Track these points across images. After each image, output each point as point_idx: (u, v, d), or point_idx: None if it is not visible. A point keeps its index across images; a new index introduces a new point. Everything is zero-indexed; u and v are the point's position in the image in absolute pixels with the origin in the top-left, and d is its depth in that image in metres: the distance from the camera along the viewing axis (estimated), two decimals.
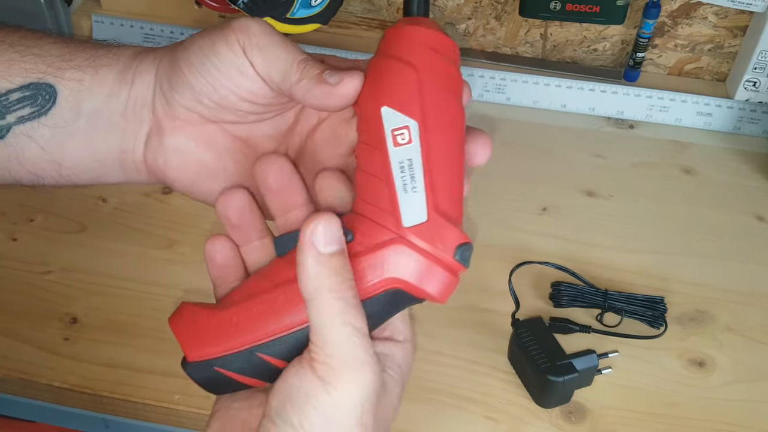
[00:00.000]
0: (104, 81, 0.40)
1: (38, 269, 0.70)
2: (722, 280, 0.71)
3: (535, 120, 0.87)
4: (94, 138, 0.40)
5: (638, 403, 0.62)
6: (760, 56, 0.84)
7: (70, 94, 0.39)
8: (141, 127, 0.40)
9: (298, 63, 0.37)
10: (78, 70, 0.39)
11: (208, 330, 0.37)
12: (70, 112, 0.39)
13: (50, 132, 0.39)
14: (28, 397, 0.64)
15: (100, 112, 0.40)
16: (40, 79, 0.39)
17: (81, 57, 0.40)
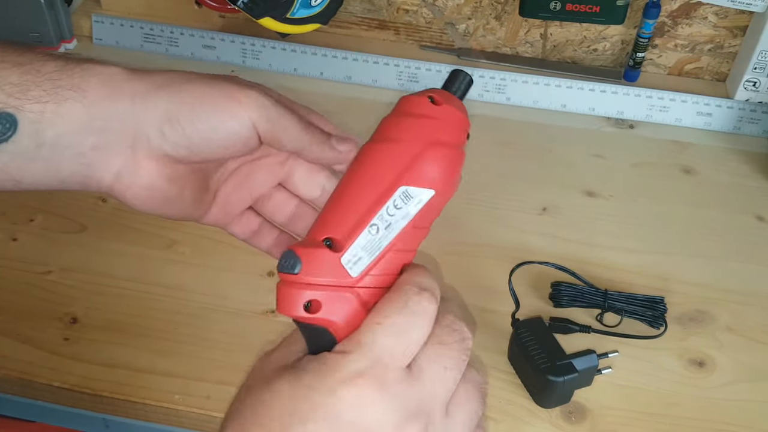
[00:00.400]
0: (68, 114, 0.40)
1: (38, 269, 0.70)
2: (722, 280, 0.71)
3: (535, 120, 0.87)
4: (56, 165, 0.41)
5: (638, 403, 0.62)
6: (760, 56, 0.84)
7: (30, 125, 0.39)
8: (113, 160, 0.42)
9: (306, 131, 0.44)
10: (38, 102, 0.39)
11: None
12: (32, 141, 0.39)
13: (10, 158, 0.39)
14: (28, 397, 0.64)
15: (66, 145, 0.40)
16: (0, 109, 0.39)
17: (41, 87, 0.39)
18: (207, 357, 0.63)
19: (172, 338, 0.65)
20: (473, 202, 0.77)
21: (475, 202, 0.77)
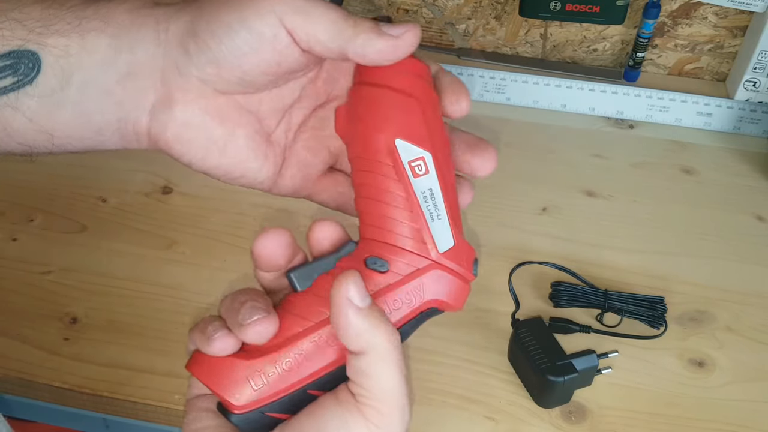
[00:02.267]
0: (94, 48, 0.36)
1: (38, 269, 0.70)
2: (722, 280, 0.71)
3: (535, 120, 0.87)
4: (86, 108, 0.37)
5: (638, 403, 0.62)
6: (760, 56, 0.84)
7: (55, 62, 0.36)
8: (144, 97, 0.38)
9: (347, 19, 0.36)
10: (62, 36, 0.36)
11: (252, 379, 0.36)
12: (58, 81, 0.36)
13: (37, 103, 0.36)
14: (28, 397, 0.64)
15: (93, 81, 0.37)
16: (21, 47, 0.35)
17: (64, 20, 0.36)
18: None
19: (172, 338, 0.65)
20: (473, 202, 0.77)
21: (475, 202, 0.76)
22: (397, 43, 0.36)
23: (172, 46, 0.37)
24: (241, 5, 0.36)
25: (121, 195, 0.77)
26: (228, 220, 0.75)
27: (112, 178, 0.79)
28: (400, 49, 0.36)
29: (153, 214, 0.76)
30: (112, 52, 0.37)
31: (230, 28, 0.36)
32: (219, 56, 0.36)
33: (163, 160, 0.84)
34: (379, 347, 0.34)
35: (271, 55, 0.37)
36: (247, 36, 0.36)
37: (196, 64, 0.37)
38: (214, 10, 0.36)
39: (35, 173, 0.79)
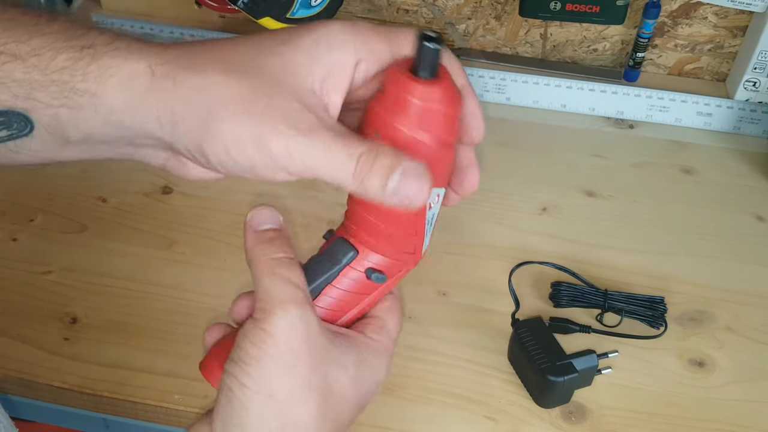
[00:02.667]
0: (88, 120, 0.35)
1: (38, 269, 0.70)
2: (722, 280, 0.71)
3: (535, 120, 0.87)
4: (93, 151, 0.38)
5: (638, 403, 0.62)
6: (760, 56, 0.84)
7: (48, 126, 0.35)
8: (156, 155, 0.39)
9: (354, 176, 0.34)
10: (48, 106, 0.34)
11: None
12: (55, 138, 0.35)
13: (39, 148, 0.36)
14: (28, 397, 0.64)
15: (97, 140, 0.37)
16: (10, 108, 0.34)
17: (48, 91, 0.34)
18: None
19: (172, 338, 0.65)
20: (473, 202, 0.77)
21: (475, 202, 0.77)
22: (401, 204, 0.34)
23: (180, 147, 0.36)
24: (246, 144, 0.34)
25: (121, 195, 0.77)
26: (228, 220, 0.75)
27: (112, 178, 0.79)
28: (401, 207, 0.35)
29: (153, 214, 0.75)
30: (111, 127, 0.35)
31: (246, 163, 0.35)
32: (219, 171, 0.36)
33: None
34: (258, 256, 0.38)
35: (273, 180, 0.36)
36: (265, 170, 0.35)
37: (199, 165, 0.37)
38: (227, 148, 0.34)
39: (35, 173, 0.79)
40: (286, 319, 0.36)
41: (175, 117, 0.34)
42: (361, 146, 0.34)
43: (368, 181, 0.34)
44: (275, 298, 0.36)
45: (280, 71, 0.35)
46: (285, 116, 0.34)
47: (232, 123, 0.34)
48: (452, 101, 0.35)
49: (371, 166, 0.34)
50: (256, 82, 0.34)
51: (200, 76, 0.34)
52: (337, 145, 0.34)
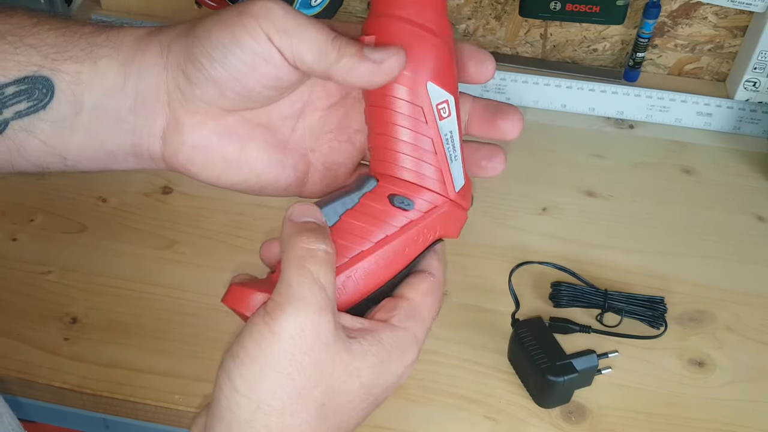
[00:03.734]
0: (105, 74, 0.37)
1: (38, 269, 0.70)
2: (722, 280, 0.71)
3: (535, 120, 0.87)
4: (99, 133, 0.38)
5: (638, 403, 0.62)
6: (760, 56, 0.84)
7: (68, 87, 0.37)
8: (154, 122, 0.38)
9: (332, 42, 0.36)
10: (75, 62, 0.37)
11: None
12: (70, 107, 0.37)
13: (50, 127, 0.37)
14: (28, 397, 0.64)
15: (104, 107, 0.38)
16: (36, 72, 0.37)
17: (78, 47, 0.37)
18: (207, 357, 0.63)
19: (172, 338, 0.65)
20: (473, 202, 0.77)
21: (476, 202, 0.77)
22: (378, 68, 0.36)
23: (174, 69, 0.38)
24: (231, 25, 0.36)
25: (121, 195, 0.77)
26: (228, 220, 0.75)
27: (112, 178, 0.79)
28: (380, 75, 0.36)
29: (153, 214, 0.75)
30: (122, 78, 0.37)
31: (223, 47, 0.36)
32: (217, 76, 0.37)
33: None
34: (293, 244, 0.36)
35: (267, 70, 0.37)
36: (240, 53, 0.36)
37: (197, 86, 0.37)
38: (206, 31, 0.37)
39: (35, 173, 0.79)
40: (296, 321, 0.34)
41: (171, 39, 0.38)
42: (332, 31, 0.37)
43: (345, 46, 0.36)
44: (293, 295, 0.34)
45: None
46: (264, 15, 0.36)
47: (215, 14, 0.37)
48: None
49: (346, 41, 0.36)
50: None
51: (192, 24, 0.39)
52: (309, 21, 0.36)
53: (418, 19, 0.37)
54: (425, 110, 0.38)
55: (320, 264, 0.35)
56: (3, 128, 0.37)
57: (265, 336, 0.34)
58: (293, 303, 0.34)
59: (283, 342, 0.34)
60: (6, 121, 0.37)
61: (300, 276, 0.35)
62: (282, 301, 0.34)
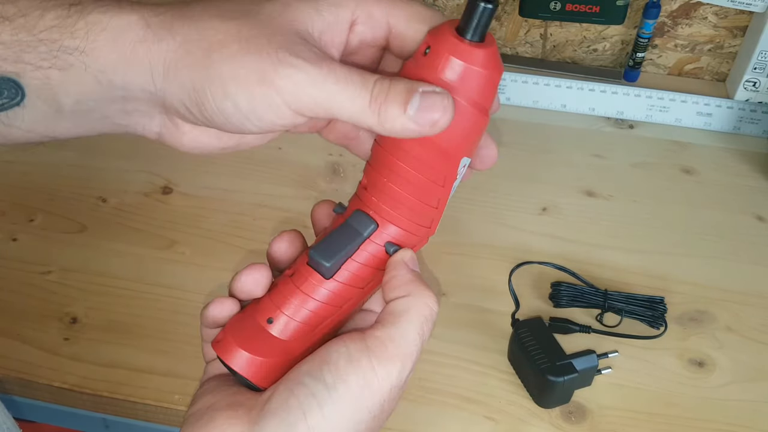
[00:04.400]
0: (80, 81, 0.33)
1: (38, 269, 0.70)
2: (722, 280, 0.71)
3: (535, 120, 0.87)
4: (87, 123, 0.35)
5: (638, 403, 0.62)
6: (760, 56, 0.84)
7: (39, 89, 0.33)
8: (150, 122, 0.36)
9: (371, 105, 0.32)
10: (37, 68, 0.32)
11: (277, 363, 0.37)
12: (48, 106, 0.33)
13: (31, 119, 0.34)
14: (28, 397, 0.64)
15: (87, 107, 0.34)
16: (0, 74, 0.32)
17: (36, 51, 0.32)
18: None
19: (172, 338, 0.65)
20: (473, 202, 0.77)
21: (475, 202, 0.77)
22: (419, 130, 0.33)
23: (173, 98, 0.34)
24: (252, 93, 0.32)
25: (121, 195, 0.77)
26: (228, 220, 0.75)
27: (112, 178, 0.79)
28: (419, 134, 0.33)
29: (153, 214, 0.75)
30: (102, 89, 0.34)
31: (239, 112, 0.33)
32: (226, 124, 0.34)
33: (164, 160, 0.85)
34: (421, 296, 0.36)
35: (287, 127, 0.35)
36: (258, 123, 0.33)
37: (193, 122, 0.35)
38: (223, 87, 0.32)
39: (35, 173, 0.79)
40: (401, 375, 0.34)
41: (167, 66, 0.33)
42: (374, 75, 0.33)
43: (386, 108, 0.32)
44: (408, 353, 0.35)
45: (280, 16, 0.34)
46: (289, 49, 0.32)
47: (231, 62, 0.32)
48: (497, 67, 0.36)
49: (387, 91, 0.32)
50: (256, 23, 0.33)
51: (197, 22, 0.33)
52: (349, 73, 0.32)
53: (476, 96, 0.35)
54: (448, 178, 0.37)
55: (432, 325, 0.36)
56: None
57: (368, 374, 0.34)
58: (405, 360, 0.35)
59: (377, 393, 0.34)
60: None
61: (418, 336, 0.35)
62: (392, 350, 0.35)
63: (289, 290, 0.38)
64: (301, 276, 0.38)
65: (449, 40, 0.34)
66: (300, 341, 0.37)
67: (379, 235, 0.37)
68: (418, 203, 0.37)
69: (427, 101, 0.32)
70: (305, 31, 0.34)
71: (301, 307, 0.37)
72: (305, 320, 0.37)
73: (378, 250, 0.38)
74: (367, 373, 0.34)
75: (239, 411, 0.35)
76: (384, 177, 0.37)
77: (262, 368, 0.37)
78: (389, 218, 0.37)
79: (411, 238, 0.38)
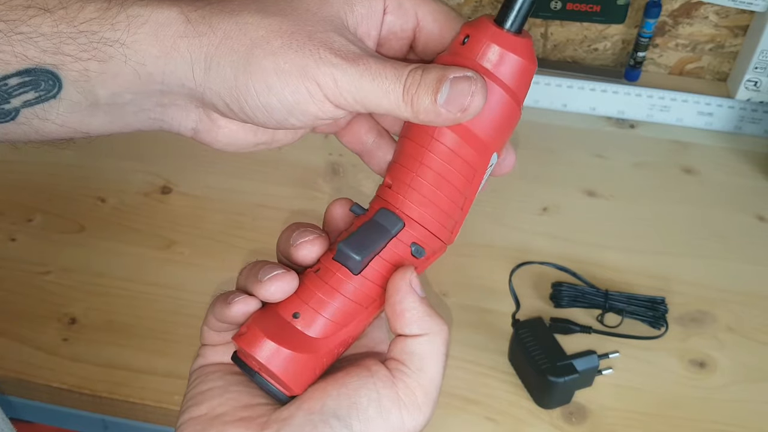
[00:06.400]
0: (118, 74, 0.33)
1: (37, 269, 0.70)
2: (723, 280, 0.71)
3: (535, 120, 0.87)
4: (122, 117, 0.35)
5: (639, 403, 0.62)
6: (761, 56, 0.83)
7: (76, 81, 0.33)
8: (186, 117, 0.37)
9: (404, 96, 0.33)
10: (77, 60, 0.33)
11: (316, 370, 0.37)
12: (84, 98, 0.34)
13: (66, 113, 0.34)
14: (27, 397, 0.64)
15: (123, 100, 0.35)
16: (38, 65, 0.32)
17: (77, 43, 0.33)
18: None
19: (171, 339, 0.65)
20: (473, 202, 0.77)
21: (475, 202, 0.76)
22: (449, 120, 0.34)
23: (212, 93, 0.34)
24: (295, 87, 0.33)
25: (120, 195, 0.77)
26: (228, 220, 0.75)
27: (111, 178, 0.79)
28: (450, 123, 0.34)
29: (152, 214, 0.75)
30: (141, 82, 0.34)
31: (283, 107, 0.34)
32: (266, 120, 0.35)
33: (163, 160, 0.84)
34: (438, 333, 0.36)
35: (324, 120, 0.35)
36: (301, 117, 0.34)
37: (231, 117, 0.35)
38: (264, 83, 0.33)
39: (34, 173, 0.79)
40: (423, 423, 0.35)
41: (209, 61, 0.34)
42: (407, 66, 0.34)
43: (418, 98, 0.33)
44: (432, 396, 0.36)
45: (318, 10, 0.35)
46: (329, 47, 0.33)
47: (274, 57, 0.33)
48: (533, 60, 0.36)
49: (419, 82, 0.33)
50: (296, 18, 0.34)
51: (236, 17, 0.34)
52: (383, 69, 0.33)
53: (513, 85, 0.36)
54: (477, 174, 0.37)
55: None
56: (15, 115, 0.34)
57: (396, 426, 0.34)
58: (431, 404, 0.35)
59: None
60: (17, 109, 0.34)
61: (441, 375, 0.36)
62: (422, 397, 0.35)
63: (316, 285, 0.37)
64: (328, 271, 0.36)
65: (489, 28, 0.35)
66: (327, 341, 0.36)
67: (406, 234, 0.37)
68: (446, 200, 0.37)
69: (457, 87, 0.33)
70: (342, 26, 0.35)
71: (328, 302, 0.36)
72: (333, 317, 0.36)
73: (404, 250, 0.37)
74: (396, 425, 0.35)
75: (252, 425, 0.35)
76: (412, 171, 0.36)
77: (291, 364, 0.35)
78: (416, 216, 0.37)
79: (434, 241, 0.37)
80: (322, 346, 0.36)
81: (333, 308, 0.36)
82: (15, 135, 0.35)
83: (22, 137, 0.35)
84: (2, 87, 0.33)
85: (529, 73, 0.36)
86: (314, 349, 0.36)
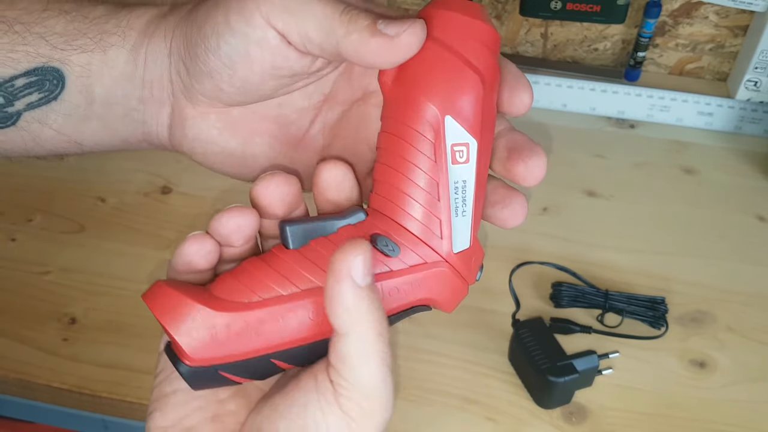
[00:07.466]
0: (114, 64, 0.36)
1: (37, 269, 0.70)
2: (723, 280, 0.71)
3: (535, 120, 0.87)
4: (111, 122, 0.37)
5: (639, 403, 0.62)
6: (761, 56, 0.83)
7: (78, 78, 0.36)
8: (161, 112, 0.38)
9: (341, 15, 0.32)
10: (84, 52, 0.36)
11: (215, 332, 0.32)
12: (82, 97, 0.36)
13: (63, 117, 0.37)
14: (27, 397, 0.64)
15: (115, 97, 0.37)
16: (45, 64, 0.35)
17: (87, 35, 0.36)
18: None
19: None
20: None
21: None
22: (392, 44, 0.32)
23: (176, 58, 0.36)
24: (228, 9, 0.33)
25: (120, 195, 0.77)
26: None
27: (111, 178, 0.79)
28: (396, 51, 0.32)
29: (152, 214, 0.75)
30: (131, 67, 0.36)
31: (217, 35, 0.34)
32: (211, 67, 0.34)
33: (163, 160, 0.84)
34: (363, 332, 0.31)
35: (263, 58, 0.34)
36: (233, 41, 0.33)
37: (195, 78, 0.35)
38: (204, 15, 0.34)
39: (34, 174, 0.79)
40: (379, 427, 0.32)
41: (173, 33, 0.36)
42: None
43: (356, 18, 0.32)
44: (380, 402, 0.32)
45: None
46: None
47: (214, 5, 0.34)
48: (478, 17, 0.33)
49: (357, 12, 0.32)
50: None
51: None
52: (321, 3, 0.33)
53: (459, 48, 0.33)
54: (436, 147, 0.33)
55: (390, 351, 0.32)
56: (16, 120, 0.36)
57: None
58: (378, 408, 0.32)
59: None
60: (18, 113, 0.36)
61: (383, 378, 0.32)
62: (368, 407, 0.32)
63: (249, 260, 0.35)
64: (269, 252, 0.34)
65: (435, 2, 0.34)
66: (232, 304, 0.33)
67: (367, 224, 0.34)
68: (407, 182, 0.33)
69: (395, 21, 0.32)
70: None
71: (248, 270, 0.33)
72: (248, 282, 0.33)
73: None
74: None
75: None
76: (377, 162, 0.34)
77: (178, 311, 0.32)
78: (380, 207, 0.34)
79: (410, 240, 0.33)
80: (222, 307, 0.33)
81: (250, 274, 0.33)
82: (12, 143, 0.37)
83: (19, 145, 0.37)
84: (9, 88, 0.35)
85: (474, 30, 0.33)
86: (213, 305, 0.33)
